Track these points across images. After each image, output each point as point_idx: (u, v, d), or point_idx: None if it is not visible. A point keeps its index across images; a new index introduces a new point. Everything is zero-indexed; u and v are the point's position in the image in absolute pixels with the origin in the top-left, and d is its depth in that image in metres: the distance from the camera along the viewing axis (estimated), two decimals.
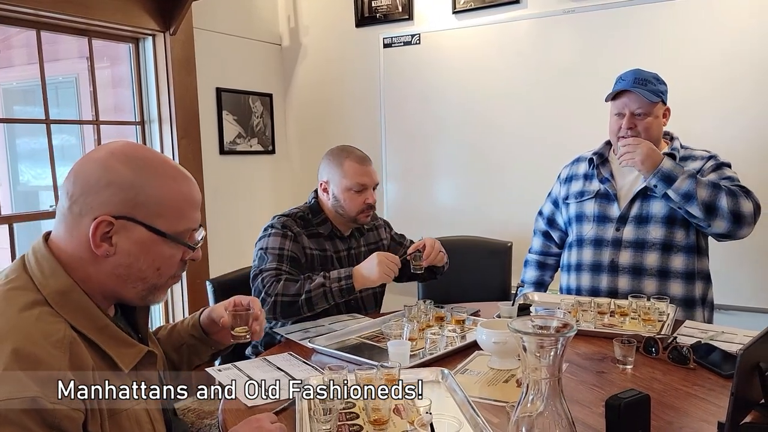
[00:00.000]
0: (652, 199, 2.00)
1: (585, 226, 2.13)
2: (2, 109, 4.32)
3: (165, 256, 0.99)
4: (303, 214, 2.06)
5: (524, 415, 0.91)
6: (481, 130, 3.30)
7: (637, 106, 1.97)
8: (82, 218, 0.93)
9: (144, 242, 0.96)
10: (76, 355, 0.87)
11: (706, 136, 2.67)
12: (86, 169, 0.94)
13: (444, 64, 3.36)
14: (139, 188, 0.94)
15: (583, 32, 2.97)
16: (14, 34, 3.99)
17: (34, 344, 0.84)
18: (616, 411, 1.10)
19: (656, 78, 2.02)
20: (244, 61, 3.67)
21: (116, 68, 3.35)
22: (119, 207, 0.93)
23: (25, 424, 0.78)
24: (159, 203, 0.96)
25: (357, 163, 2.01)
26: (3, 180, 4.47)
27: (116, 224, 0.93)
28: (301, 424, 1.19)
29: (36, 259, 0.95)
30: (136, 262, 0.96)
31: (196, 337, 1.32)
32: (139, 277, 0.97)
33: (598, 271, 2.08)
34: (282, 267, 1.90)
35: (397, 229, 2.39)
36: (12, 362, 0.81)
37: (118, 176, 0.93)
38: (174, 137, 3.14)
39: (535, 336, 0.87)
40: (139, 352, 0.99)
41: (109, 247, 0.93)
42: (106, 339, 0.94)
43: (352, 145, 2.12)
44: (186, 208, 1.00)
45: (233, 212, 3.58)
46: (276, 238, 1.95)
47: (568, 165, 2.29)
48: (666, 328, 1.70)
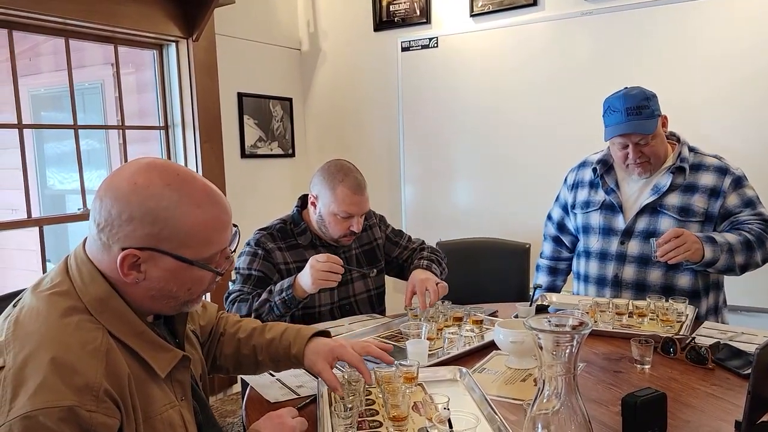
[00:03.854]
0: (661, 215, 1.97)
1: (591, 239, 2.12)
2: (31, 115, 4.43)
3: (194, 279, 1.00)
4: (283, 225, 2.05)
5: (540, 412, 0.93)
6: (499, 132, 3.31)
7: (639, 138, 1.93)
8: (110, 247, 0.95)
9: (173, 270, 0.97)
10: (113, 362, 0.90)
11: (724, 137, 2.67)
12: (110, 199, 0.94)
13: (461, 66, 3.38)
14: (163, 221, 0.93)
15: (601, 34, 2.97)
16: (41, 42, 4.10)
17: (72, 353, 0.87)
18: (633, 409, 1.11)
19: (644, 96, 1.94)
20: (265, 66, 3.73)
21: (141, 74, 3.43)
22: (144, 240, 0.93)
23: (62, 431, 0.81)
24: (184, 233, 0.95)
25: (350, 191, 1.93)
26: (32, 184, 4.59)
27: (142, 256, 0.94)
28: (323, 420, 1.22)
29: (77, 265, 0.98)
30: (167, 285, 0.98)
31: (293, 363, 1.36)
32: (171, 296, 1.00)
33: (603, 284, 2.07)
34: (244, 288, 1.92)
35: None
36: (50, 371, 0.84)
37: (140, 209, 0.93)
38: (197, 141, 3.21)
39: (551, 333, 0.89)
40: (174, 356, 1.02)
41: (138, 274, 0.95)
42: (143, 344, 0.97)
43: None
44: (212, 235, 1.00)
45: (254, 214, 3.63)
46: (246, 257, 1.97)
47: (575, 169, 2.26)
48: (684, 328, 1.70)
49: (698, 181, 1.96)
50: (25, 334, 0.89)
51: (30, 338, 0.88)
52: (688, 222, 1.93)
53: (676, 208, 1.95)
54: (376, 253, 2.17)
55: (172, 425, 0.99)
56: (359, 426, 1.21)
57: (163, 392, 1.00)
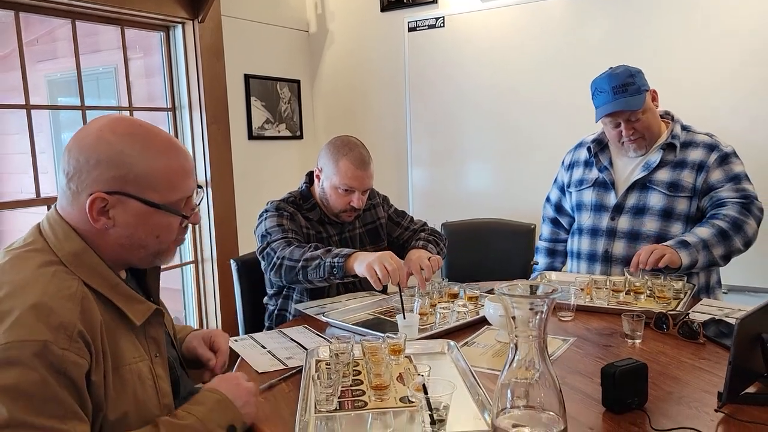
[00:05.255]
0: (650, 191, 1.98)
1: (583, 215, 2.13)
2: (47, 99, 4.50)
3: (162, 225, 1.04)
4: (294, 199, 2.06)
5: (513, 378, 0.93)
6: (506, 113, 3.28)
7: (628, 114, 1.93)
8: (79, 195, 0.98)
9: (140, 214, 1.00)
10: (87, 309, 0.93)
11: (736, 118, 2.62)
12: (78, 148, 0.98)
13: (468, 46, 3.35)
14: (129, 165, 0.98)
15: (614, 10, 2.92)
16: (57, 27, 4.15)
17: (48, 296, 0.90)
18: (611, 378, 1.11)
19: (629, 74, 1.94)
20: (272, 47, 3.73)
21: (149, 58, 3.46)
22: (111, 183, 0.97)
23: (34, 365, 0.84)
24: (149, 177, 0.99)
25: (352, 165, 1.94)
26: (49, 168, 4.68)
27: (110, 200, 0.98)
28: (306, 388, 1.24)
29: (50, 225, 1.01)
30: (136, 232, 1.01)
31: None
32: (140, 245, 1.03)
33: (593, 260, 2.08)
34: (289, 236, 1.92)
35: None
36: (27, 310, 0.87)
37: (106, 154, 0.97)
38: (204, 123, 3.23)
39: (518, 298, 0.89)
40: (148, 309, 1.05)
41: (107, 221, 0.99)
42: (118, 296, 1.01)
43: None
44: (176, 179, 1.03)
45: (261, 196, 3.65)
46: (272, 219, 1.96)
47: (571, 150, 2.27)
48: (682, 305, 1.68)
49: (687, 157, 1.97)
50: (2, 282, 0.92)
51: (7, 284, 0.91)
52: (676, 197, 1.95)
53: (665, 183, 1.96)
54: (379, 233, 2.18)
55: (141, 378, 1.01)
56: (342, 394, 1.22)
57: (134, 346, 1.02)
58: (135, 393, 0.99)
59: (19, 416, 0.82)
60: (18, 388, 0.83)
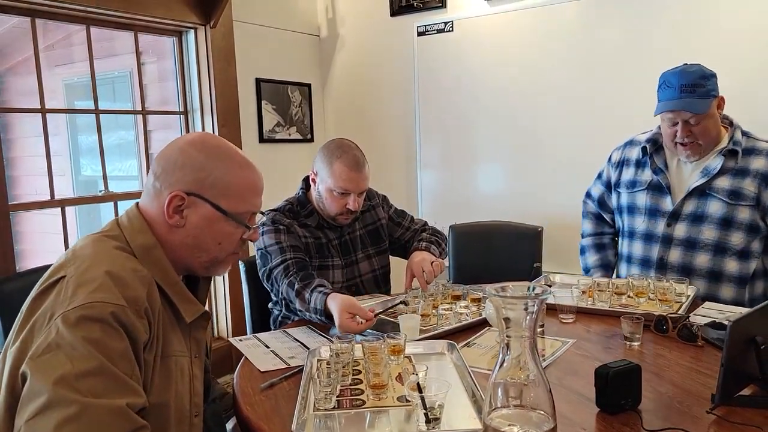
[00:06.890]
0: (710, 198, 1.89)
1: (637, 219, 2.06)
2: (64, 103, 4.59)
3: (225, 233, 1.13)
4: (291, 206, 2.06)
5: (504, 377, 0.95)
6: (515, 117, 3.29)
7: (689, 116, 1.85)
8: (162, 192, 1.10)
9: (208, 218, 1.11)
10: (152, 294, 1.02)
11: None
12: (167, 153, 1.12)
13: (476, 50, 3.36)
14: (209, 171, 1.10)
15: (624, 13, 2.91)
16: (74, 32, 4.23)
17: (125, 272, 1.00)
18: (605, 379, 1.12)
19: (702, 75, 1.86)
20: (283, 52, 3.77)
21: (163, 63, 3.52)
22: (191, 185, 1.09)
23: (113, 324, 0.92)
24: (225, 185, 1.11)
25: (347, 168, 1.92)
26: (66, 170, 4.78)
27: (187, 200, 1.09)
28: (306, 387, 1.26)
29: (128, 218, 1.12)
30: (201, 234, 1.11)
31: None
32: (203, 248, 1.13)
33: (647, 266, 2.01)
34: (287, 257, 1.91)
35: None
36: (107, 279, 0.97)
37: (192, 159, 1.10)
38: (215, 126, 3.28)
39: (506, 298, 0.92)
40: (198, 309, 1.14)
41: (180, 219, 1.09)
42: (175, 293, 1.10)
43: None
44: (247, 193, 1.15)
45: (271, 198, 3.69)
46: (270, 235, 1.96)
47: (620, 148, 2.18)
48: (683, 308, 1.69)
49: (749, 165, 1.88)
50: (84, 255, 1.02)
51: (89, 258, 1.01)
52: (738, 206, 1.87)
53: (725, 191, 1.88)
54: (380, 233, 2.20)
55: (182, 372, 1.09)
56: (341, 393, 1.25)
57: (180, 342, 1.10)
58: (176, 385, 1.07)
59: (107, 366, 0.90)
60: (103, 341, 0.91)
